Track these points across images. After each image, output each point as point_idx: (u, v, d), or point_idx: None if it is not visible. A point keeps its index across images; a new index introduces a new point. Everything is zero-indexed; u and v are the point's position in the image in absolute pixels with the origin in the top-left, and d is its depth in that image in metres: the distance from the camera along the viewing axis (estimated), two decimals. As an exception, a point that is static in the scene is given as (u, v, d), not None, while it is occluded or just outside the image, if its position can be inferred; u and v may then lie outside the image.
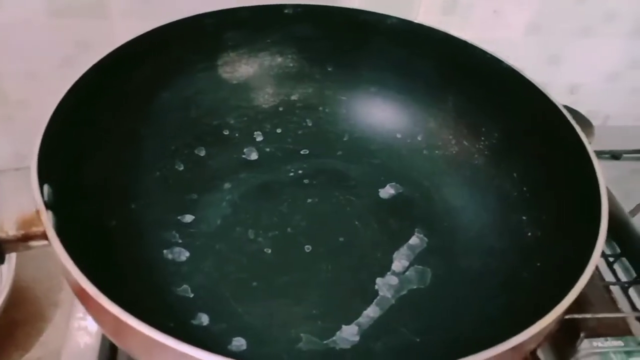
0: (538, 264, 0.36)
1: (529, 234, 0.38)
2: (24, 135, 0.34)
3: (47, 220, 0.28)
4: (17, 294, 0.55)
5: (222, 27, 0.44)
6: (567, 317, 0.37)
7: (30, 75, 0.53)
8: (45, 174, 0.31)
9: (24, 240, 0.29)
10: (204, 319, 0.35)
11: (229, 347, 0.34)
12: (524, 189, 0.39)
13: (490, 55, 0.41)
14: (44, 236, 0.28)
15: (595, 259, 0.31)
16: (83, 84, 0.36)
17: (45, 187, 0.31)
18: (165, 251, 0.38)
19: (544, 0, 0.54)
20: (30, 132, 0.33)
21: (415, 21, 0.44)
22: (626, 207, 0.47)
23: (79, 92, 0.35)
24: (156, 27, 0.41)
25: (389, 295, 0.37)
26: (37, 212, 0.28)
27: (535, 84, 0.39)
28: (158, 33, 0.41)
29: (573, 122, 0.37)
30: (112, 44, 0.51)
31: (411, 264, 0.39)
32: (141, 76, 0.41)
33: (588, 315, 0.37)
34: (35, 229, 0.28)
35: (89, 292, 0.25)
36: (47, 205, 0.30)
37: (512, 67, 0.40)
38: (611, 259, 0.43)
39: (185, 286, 0.36)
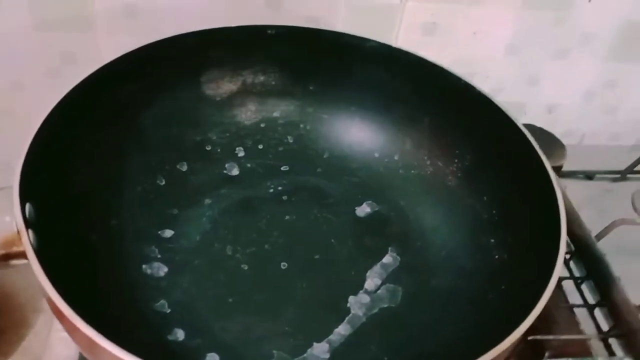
0: (503, 287, 0.37)
1: (496, 256, 0.39)
2: (10, 144, 0.35)
3: (27, 241, 0.29)
4: (0, 300, 0.55)
5: (207, 46, 0.45)
6: (531, 338, 0.39)
7: (16, 85, 0.54)
8: (27, 193, 0.32)
9: (4, 259, 0.30)
10: (180, 334, 0.36)
11: (203, 362, 0.35)
12: (493, 211, 0.41)
13: (464, 81, 0.42)
14: (24, 255, 0.29)
15: (553, 283, 0.32)
16: (66, 103, 0.36)
17: (27, 206, 0.32)
18: (144, 266, 0.39)
19: (522, 22, 0.56)
20: (15, 141, 0.34)
21: (395, 45, 0.45)
22: (598, 227, 0.49)
23: (62, 112, 0.36)
24: (141, 46, 0.42)
25: (361, 314, 0.38)
26: (18, 232, 0.29)
27: (503, 110, 0.40)
28: (143, 51, 0.42)
29: (536, 145, 0.38)
30: (97, 57, 0.52)
31: (383, 283, 0.40)
32: (125, 93, 0.42)
33: (551, 337, 0.39)
34: (16, 249, 0.29)
35: (65, 313, 0.26)
36: (29, 224, 0.31)
37: (484, 93, 0.41)
38: (579, 281, 0.45)
39: (162, 301, 0.37)
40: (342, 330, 0.37)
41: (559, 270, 0.33)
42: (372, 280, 0.40)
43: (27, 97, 0.54)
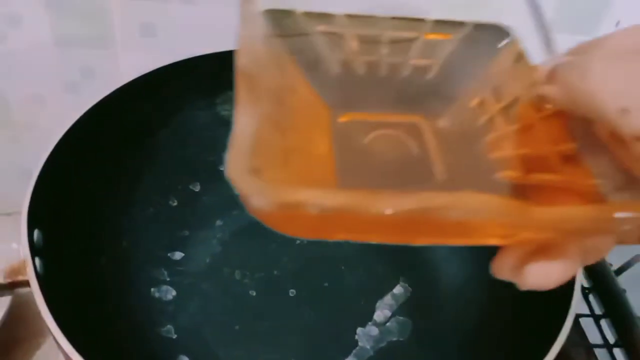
0: (518, 324, 0.36)
1: (512, 292, 0.38)
2: (31, 156, 0.35)
3: (31, 272, 0.29)
4: (16, 310, 0.56)
5: (223, 67, 0.44)
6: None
7: (37, 99, 0.54)
8: (36, 219, 0.32)
9: (10, 287, 0.30)
10: (185, 361, 0.36)
11: (206, 392, 0.35)
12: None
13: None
14: (29, 284, 0.29)
15: (569, 324, 0.31)
16: (77, 127, 0.37)
17: (36, 233, 0.32)
18: (152, 289, 0.39)
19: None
20: (36, 154, 0.35)
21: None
22: (619, 260, 0.47)
23: (73, 136, 0.36)
24: (157, 67, 0.42)
25: (368, 346, 0.38)
26: (24, 261, 0.29)
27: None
28: (159, 72, 0.42)
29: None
30: (116, 72, 0.53)
31: (393, 314, 0.40)
32: (140, 114, 0.42)
33: (565, 378, 0.37)
34: (22, 278, 0.29)
35: (66, 349, 0.26)
36: (36, 252, 0.31)
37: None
38: (597, 318, 0.43)
39: (169, 326, 0.37)
40: (349, 363, 0.37)
41: (574, 310, 0.32)
42: (381, 312, 0.40)
43: (48, 111, 0.55)
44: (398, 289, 0.41)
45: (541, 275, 0.17)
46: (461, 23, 0.22)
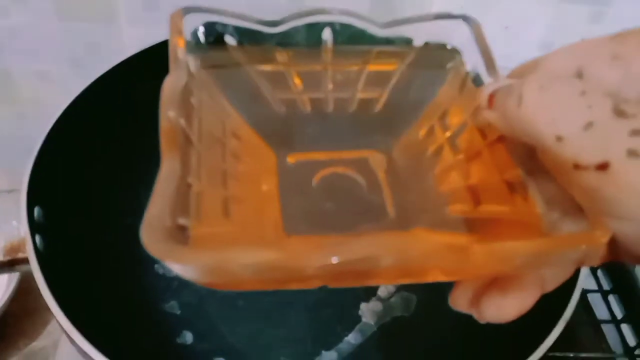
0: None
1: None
2: (36, 131, 0.35)
3: (30, 249, 0.29)
4: (26, 283, 0.57)
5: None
6: (550, 354, 0.38)
7: (42, 75, 0.54)
8: (36, 197, 0.32)
9: (10, 265, 0.30)
10: (188, 337, 0.36)
11: (210, 367, 0.35)
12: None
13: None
14: (29, 262, 0.29)
15: (575, 299, 0.31)
16: (81, 101, 0.36)
17: (36, 210, 0.32)
18: (156, 265, 0.39)
19: (557, 18, 0.52)
20: (41, 129, 0.35)
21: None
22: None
23: (75, 110, 0.36)
24: (160, 41, 0.41)
25: (372, 322, 0.38)
26: (24, 238, 0.29)
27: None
28: (162, 47, 0.41)
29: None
30: (120, 47, 0.52)
31: (397, 290, 0.39)
32: (142, 90, 0.41)
33: (571, 354, 0.37)
34: (22, 255, 0.29)
35: (64, 326, 0.26)
36: (37, 229, 0.31)
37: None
38: (605, 294, 0.43)
39: (173, 302, 0.37)
40: (352, 338, 0.37)
41: (581, 285, 0.31)
42: (385, 287, 0.39)
43: (53, 87, 0.55)
44: (403, 265, 0.41)
45: (497, 309, 0.17)
46: (407, 46, 0.21)
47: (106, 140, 0.39)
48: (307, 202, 0.19)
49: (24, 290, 0.56)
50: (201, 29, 0.20)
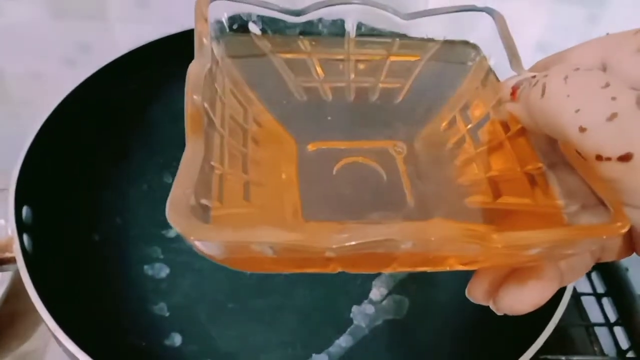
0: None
1: (509, 271, 0.37)
2: (28, 132, 0.34)
3: (18, 249, 0.28)
4: (18, 284, 0.56)
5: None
6: (542, 357, 0.37)
7: (34, 74, 0.54)
8: (25, 195, 0.31)
9: (-4, 264, 0.29)
10: (177, 339, 0.35)
11: (198, 370, 0.34)
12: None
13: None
14: (16, 261, 0.29)
15: (565, 302, 0.31)
16: (70, 100, 0.36)
17: (25, 209, 0.31)
18: (145, 267, 0.39)
19: (553, 19, 0.52)
20: (33, 129, 0.34)
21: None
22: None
23: (65, 110, 0.35)
24: (150, 41, 0.41)
25: (364, 325, 0.37)
26: (12, 238, 0.29)
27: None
28: (151, 46, 0.41)
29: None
30: (112, 45, 0.52)
31: (390, 292, 0.39)
32: (130, 90, 0.41)
33: (563, 357, 0.37)
34: (9, 255, 0.29)
35: (50, 326, 0.26)
36: (25, 228, 0.30)
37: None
38: (599, 297, 0.43)
39: (162, 304, 0.37)
40: (343, 342, 0.36)
41: (570, 290, 0.31)
42: (377, 290, 0.39)
43: (45, 86, 0.54)
44: (395, 268, 0.40)
45: (514, 300, 0.17)
46: (429, 41, 0.21)
47: (95, 141, 0.39)
48: (327, 190, 0.19)
49: (16, 292, 0.56)
50: (225, 16, 0.20)
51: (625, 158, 0.13)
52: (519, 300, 0.17)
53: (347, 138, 0.20)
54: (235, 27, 0.21)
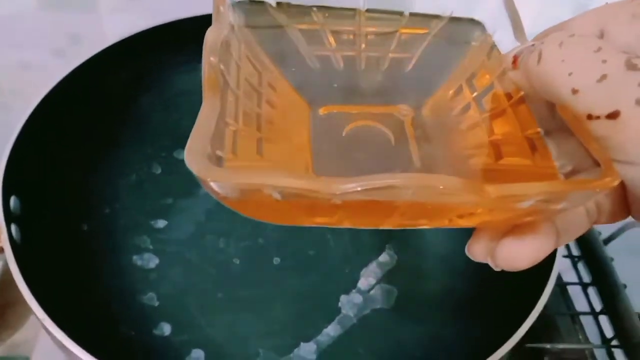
0: (499, 293, 0.36)
1: (495, 261, 0.38)
2: (18, 123, 0.34)
3: (5, 239, 0.28)
4: (8, 275, 0.56)
5: (206, 31, 0.43)
6: (528, 345, 0.38)
7: (23, 65, 0.53)
8: (13, 186, 0.31)
9: (-16, 254, 0.29)
10: (166, 328, 0.36)
11: (187, 359, 0.34)
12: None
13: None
14: (3, 251, 0.29)
15: (548, 291, 0.31)
16: (58, 90, 0.36)
17: (12, 199, 0.31)
18: (135, 257, 0.39)
19: (542, 12, 0.53)
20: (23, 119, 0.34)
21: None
22: (609, 229, 0.47)
23: (54, 99, 0.35)
24: (139, 31, 0.41)
25: (352, 314, 0.38)
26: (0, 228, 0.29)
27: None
28: (140, 36, 0.41)
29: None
30: (101, 36, 0.52)
31: (378, 282, 0.39)
32: (120, 80, 0.41)
33: (548, 345, 0.37)
34: (-3, 244, 0.29)
35: (38, 315, 0.26)
36: (12, 219, 0.31)
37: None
38: (585, 286, 0.43)
39: (151, 294, 0.37)
40: (332, 330, 0.37)
41: (554, 278, 0.32)
42: (366, 280, 0.39)
43: (34, 77, 0.54)
44: (384, 257, 0.41)
45: (511, 256, 0.17)
46: (436, 17, 0.22)
47: (83, 130, 0.39)
48: (337, 150, 0.20)
49: (6, 282, 0.56)
50: None
51: (613, 115, 0.14)
52: (516, 255, 0.17)
53: (357, 103, 0.21)
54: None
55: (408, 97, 0.22)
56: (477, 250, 0.19)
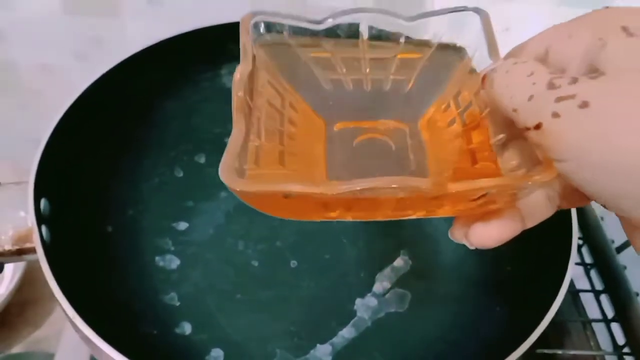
0: (512, 299, 0.37)
1: (508, 267, 0.38)
2: (39, 122, 0.36)
3: (37, 240, 0.30)
4: (30, 273, 0.58)
5: (229, 39, 0.44)
6: (539, 351, 0.39)
7: (46, 68, 0.55)
8: (43, 188, 0.33)
9: (18, 254, 0.31)
10: (187, 328, 0.37)
11: (207, 357, 0.36)
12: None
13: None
14: (36, 252, 0.30)
15: (561, 297, 0.32)
16: (86, 96, 0.37)
17: (43, 201, 0.33)
18: (157, 258, 0.40)
19: (555, 21, 0.53)
20: (44, 121, 0.35)
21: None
22: (623, 237, 0.47)
23: (80, 106, 0.36)
24: (163, 39, 0.42)
25: (366, 317, 0.39)
26: (31, 229, 0.30)
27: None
28: (164, 44, 0.42)
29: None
30: (123, 41, 0.53)
31: (392, 287, 0.40)
32: (144, 86, 0.42)
33: (559, 351, 0.38)
34: (29, 245, 0.30)
35: (69, 314, 0.27)
36: (43, 220, 0.32)
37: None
38: (597, 294, 0.44)
39: (172, 294, 0.38)
40: (347, 333, 0.38)
41: (566, 285, 0.32)
42: (380, 284, 0.40)
43: (56, 79, 0.56)
44: (398, 262, 0.42)
45: (480, 236, 0.21)
46: (427, 43, 0.26)
47: (109, 135, 0.40)
48: (348, 158, 0.24)
49: (28, 281, 0.58)
50: (262, 25, 0.25)
51: (538, 127, 0.18)
52: (484, 235, 0.21)
53: (365, 119, 0.26)
54: (270, 31, 0.25)
55: (407, 112, 0.26)
56: (455, 234, 0.23)
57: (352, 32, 0.26)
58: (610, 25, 0.18)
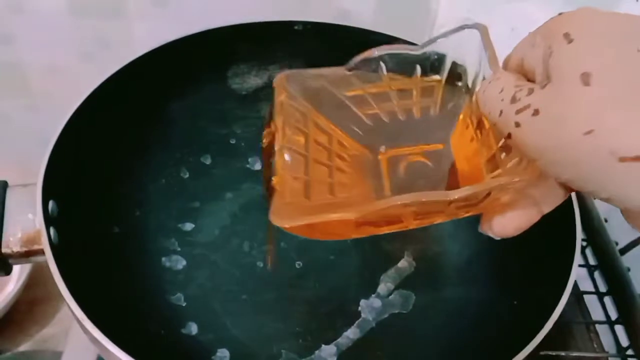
0: (516, 301, 0.37)
1: (512, 269, 0.39)
2: (47, 124, 0.36)
3: (45, 241, 0.30)
4: (38, 272, 0.59)
5: (234, 41, 0.45)
6: (543, 353, 0.39)
7: (52, 68, 0.55)
8: (51, 190, 0.33)
9: (26, 256, 0.31)
10: (193, 328, 0.37)
11: (213, 357, 0.36)
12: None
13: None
14: (44, 253, 0.31)
15: (564, 300, 0.32)
16: (94, 98, 0.38)
17: (51, 203, 0.33)
18: (163, 259, 0.40)
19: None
20: (51, 121, 0.36)
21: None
22: (627, 238, 0.47)
23: (87, 109, 0.37)
24: (170, 41, 0.42)
25: (370, 318, 0.39)
26: (39, 231, 0.31)
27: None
28: (171, 46, 0.42)
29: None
30: (129, 42, 0.53)
31: (396, 288, 0.41)
32: (151, 88, 0.42)
33: (562, 353, 0.38)
34: (37, 247, 0.31)
35: (77, 315, 0.28)
36: (51, 222, 0.32)
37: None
38: (601, 296, 0.44)
39: (179, 295, 0.39)
40: (351, 334, 0.38)
41: (570, 287, 0.32)
42: (385, 285, 0.41)
43: (63, 80, 0.56)
44: (402, 263, 0.42)
45: (500, 227, 0.23)
46: (439, 68, 0.28)
47: (115, 137, 0.41)
48: (395, 182, 0.27)
49: (35, 280, 0.58)
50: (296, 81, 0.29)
51: (509, 137, 0.20)
52: (502, 225, 0.23)
53: (405, 144, 0.28)
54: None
55: (440, 134, 0.28)
56: (483, 226, 0.24)
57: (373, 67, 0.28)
58: (555, 32, 0.19)
